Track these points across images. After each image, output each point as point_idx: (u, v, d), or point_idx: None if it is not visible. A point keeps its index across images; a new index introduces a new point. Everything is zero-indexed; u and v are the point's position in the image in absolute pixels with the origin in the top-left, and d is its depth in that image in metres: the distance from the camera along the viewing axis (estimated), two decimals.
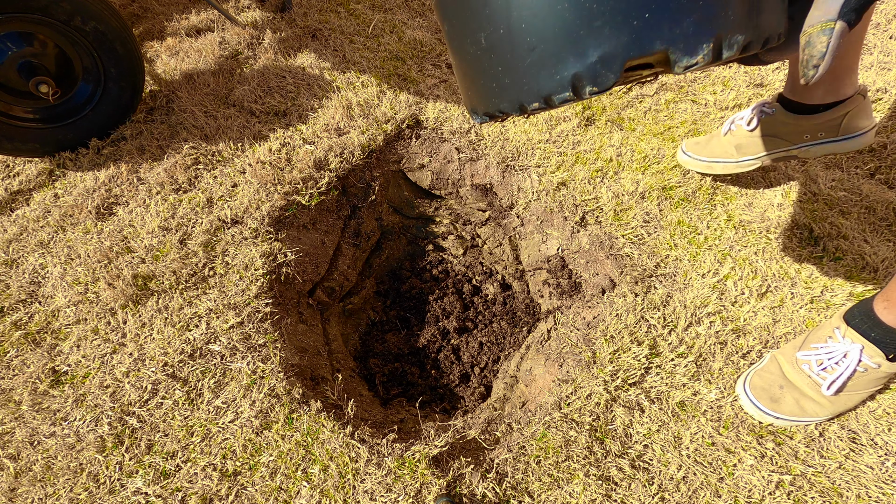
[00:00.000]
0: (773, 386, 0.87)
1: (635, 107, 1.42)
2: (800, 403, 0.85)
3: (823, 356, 0.84)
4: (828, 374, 0.84)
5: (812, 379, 0.85)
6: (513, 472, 0.87)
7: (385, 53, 1.66)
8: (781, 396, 0.86)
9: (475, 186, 1.41)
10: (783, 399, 0.86)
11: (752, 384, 0.89)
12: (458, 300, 1.52)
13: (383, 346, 1.45)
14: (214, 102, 1.52)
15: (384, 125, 1.42)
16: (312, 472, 0.87)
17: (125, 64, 1.36)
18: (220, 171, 1.34)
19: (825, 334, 0.86)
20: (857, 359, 0.81)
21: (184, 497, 0.85)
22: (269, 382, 0.96)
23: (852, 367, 0.82)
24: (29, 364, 1.02)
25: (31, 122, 1.34)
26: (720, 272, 1.06)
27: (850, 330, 0.83)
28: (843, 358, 0.83)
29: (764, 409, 0.87)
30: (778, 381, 0.87)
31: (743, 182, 1.21)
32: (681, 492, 0.82)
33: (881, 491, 0.79)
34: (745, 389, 0.89)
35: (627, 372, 0.95)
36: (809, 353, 0.86)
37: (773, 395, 0.87)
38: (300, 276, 1.22)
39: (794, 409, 0.85)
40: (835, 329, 0.85)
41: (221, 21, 1.80)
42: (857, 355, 0.81)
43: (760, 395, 0.87)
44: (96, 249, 1.17)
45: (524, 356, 1.20)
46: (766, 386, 0.88)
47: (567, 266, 1.25)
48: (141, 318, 1.06)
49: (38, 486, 0.87)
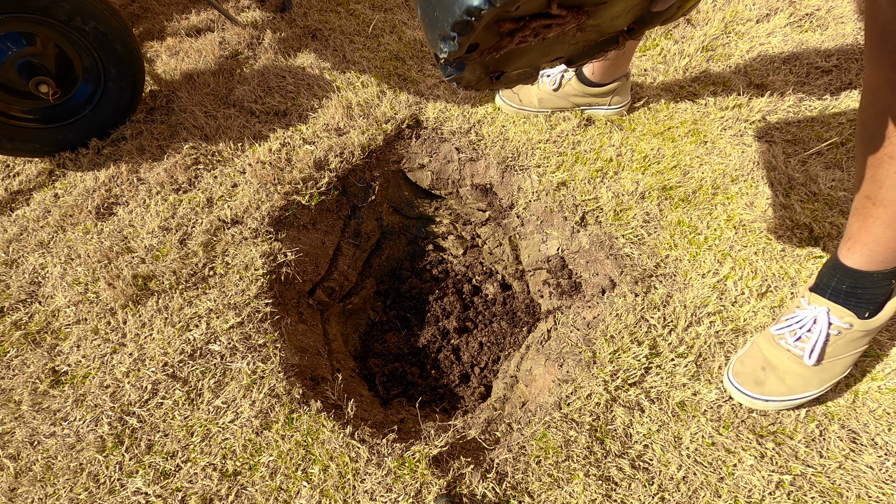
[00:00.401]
0: (756, 369, 0.87)
1: (635, 107, 1.42)
2: (784, 381, 0.85)
3: (795, 326, 0.85)
4: (804, 343, 0.84)
5: (791, 352, 0.85)
6: (513, 472, 0.87)
7: (385, 53, 1.66)
8: (765, 378, 0.86)
9: (475, 186, 1.41)
10: (767, 380, 0.86)
11: (735, 371, 0.89)
12: (458, 300, 1.52)
13: (383, 346, 1.45)
14: (214, 102, 1.52)
15: (384, 125, 1.42)
16: (312, 472, 0.87)
17: (125, 64, 1.36)
18: (220, 171, 1.34)
19: (794, 305, 0.87)
20: (826, 321, 0.82)
21: (184, 497, 0.85)
22: (269, 382, 0.96)
23: (825, 331, 0.82)
24: (29, 364, 1.02)
25: (31, 122, 1.34)
26: (720, 272, 1.06)
27: (813, 295, 0.84)
28: (813, 324, 0.83)
29: (749, 394, 0.86)
30: (760, 364, 0.87)
31: (743, 182, 1.21)
32: (681, 492, 0.82)
33: (881, 491, 0.79)
34: (729, 379, 0.90)
35: (627, 372, 0.95)
36: (783, 327, 0.87)
37: (756, 379, 0.86)
38: (300, 276, 1.22)
39: (779, 388, 0.85)
40: (801, 298, 0.86)
41: (221, 21, 1.80)
42: (825, 318, 0.82)
43: (745, 380, 0.87)
44: (96, 249, 1.17)
45: (524, 356, 1.20)
46: (748, 371, 0.88)
47: (567, 266, 1.25)
48: (141, 318, 1.06)
49: (38, 486, 0.87)
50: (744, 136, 1.30)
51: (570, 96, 1.35)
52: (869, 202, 0.74)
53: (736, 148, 1.27)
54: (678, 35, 1.59)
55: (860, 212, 0.77)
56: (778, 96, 1.36)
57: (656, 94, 1.44)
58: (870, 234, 0.77)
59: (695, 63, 1.49)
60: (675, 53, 1.52)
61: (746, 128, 1.31)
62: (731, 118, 1.34)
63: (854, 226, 0.79)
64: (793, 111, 1.33)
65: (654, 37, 1.60)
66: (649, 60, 1.53)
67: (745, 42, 1.53)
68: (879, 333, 0.94)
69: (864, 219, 0.76)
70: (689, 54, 1.51)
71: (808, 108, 1.34)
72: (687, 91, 1.43)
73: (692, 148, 1.29)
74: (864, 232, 0.77)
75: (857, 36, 1.50)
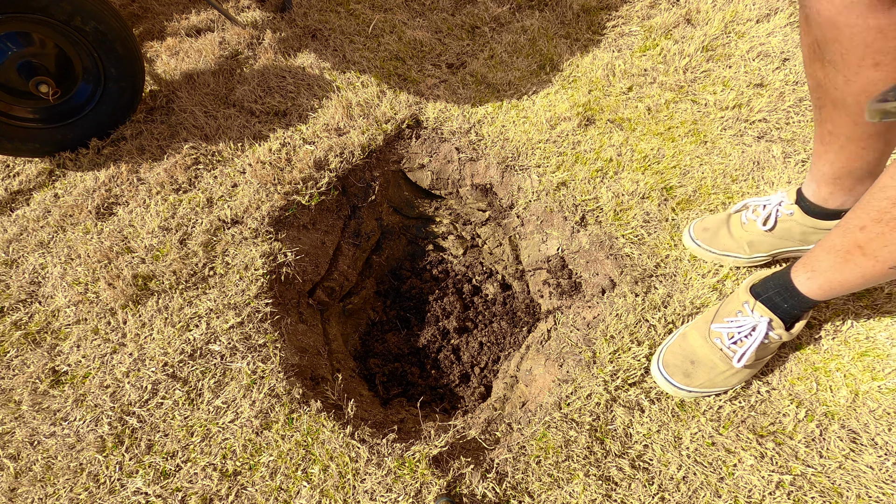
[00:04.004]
0: (686, 362, 0.91)
1: (635, 107, 1.42)
2: (711, 377, 0.89)
3: (734, 329, 0.88)
4: (738, 347, 0.87)
5: (724, 352, 0.88)
6: (513, 472, 0.87)
7: (385, 53, 1.66)
8: (694, 371, 0.90)
9: (475, 186, 1.41)
10: (695, 374, 0.89)
11: (665, 362, 0.92)
12: (458, 300, 1.52)
13: (383, 346, 1.45)
14: (214, 102, 1.52)
15: (384, 125, 1.42)
16: (312, 472, 0.87)
17: (125, 64, 1.36)
18: (220, 171, 1.34)
19: (734, 308, 0.89)
20: (764, 332, 0.85)
21: (184, 497, 0.85)
22: (269, 382, 0.96)
23: (759, 339, 0.85)
24: (29, 364, 1.02)
25: (31, 122, 1.34)
26: (720, 272, 1.06)
27: (758, 304, 0.86)
28: (751, 332, 0.86)
29: (678, 385, 0.90)
30: (689, 357, 0.91)
31: (743, 182, 1.21)
32: (681, 492, 0.82)
33: (881, 491, 0.79)
34: (658, 367, 0.93)
35: (627, 372, 0.95)
36: (722, 327, 0.89)
37: (685, 371, 0.90)
38: (300, 276, 1.22)
39: (705, 383, 0.89)
40: (744, 303, 0.88)
41: (221, 21, 1.80)
42: (764, 328, 0.85)
43: (674, 371, 0.91)
44: (96, 249, 1.17)
45: (524, 356, 1.20)
46: (678, 363, 0.91)
47: (567, 266, 1.25)
48: (141, 318, 1.06)
49: (38, 486, 0.87)
50: (744, 136, 1.30)
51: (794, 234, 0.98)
52: (859, 252, 0.71)
53: (736, 148, 1.27)
54: (678, 35, 1.59)
55: (843, 255, 0.74)
56: (778, 96, 1.36)
57: (656, 94, 1.44)
58: (841, 276, 0.75)
59: (695, 63, 1.49)
60: (675, 53, 1.52)
61: (746, 128, 1.31)
62: (731, 118, 1.34)
63: (826, 262, 0.76)
64: (793, 111, 1.33)
65: (654, 37, 1.60)
66: (649, 60, 1.53)
67: (745, 42, 1.53)
68: (879, 333, 0.95)
69: (844, 262, 0.74)
70: (689, 54, 1.51)
71: (808, 108, 1.34)
72: (687, 91, 1.43)
73: (692, 148, 1.29)
74: (836, 273, 0.75)
75: None
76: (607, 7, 1.75)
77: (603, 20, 1.71)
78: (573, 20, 1.73)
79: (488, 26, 1.76)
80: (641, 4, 1.72)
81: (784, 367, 0.94)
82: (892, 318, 0.96)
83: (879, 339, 0.94)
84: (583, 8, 1.75)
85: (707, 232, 1.07)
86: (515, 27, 1.73)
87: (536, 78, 1.55)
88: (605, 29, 1.68)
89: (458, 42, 1.72)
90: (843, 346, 0.95)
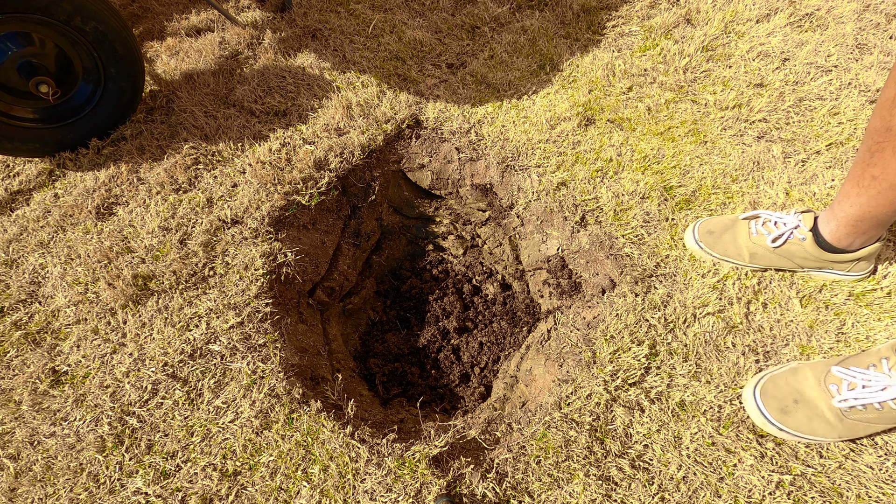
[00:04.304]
0: (787, 398, 0.84)
1: (635, 107, 1.42)
2: (811, 422, 0.82)
3: (859, 381, 0.80)
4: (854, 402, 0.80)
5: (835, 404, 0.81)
6: (513, 472, 0.87)
7: (385, 53, 1.66)
8: (794, 410, 0.83)
9: (475, 186, 1.41)
10: (795, 413, 0.83)
11: (764, 390, 0.86)
12: (458, 300, 1.52)
13: (383, 346, 1.45)
14: (214, 102, 1.52)
15: (384, 125, 1.42)
16: (312, 472, 0.87)
17: (125, 64, 1.36)
18: (220, 171, 1.34)
19: (869, 360, 0.82)
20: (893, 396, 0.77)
21: (184, 497, 0.85)
22: (269, 382, 0.96)
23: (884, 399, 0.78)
24: (29, 364, 1.02)
25: (31, 122, 1.34)
26: (720, 272, 1.06)
27: None
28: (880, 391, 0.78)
29: (771, 419, 0.84)
30: (793, 395, 0.84)
31: (743, 182, 1.21)
32: (681, 492, 0.82)
33: (881, 491, 0.79)
34: (754, 394, 0.86)
35: (627, 372, 0.95)
36: (845, 373, 0.82)
37: (784, 407, 0.83)
38: (300, 276, 1.22)
39: (802, 426, 0.82)
40: (882, 359, 0.80)
41: (221, 21, 1.80)
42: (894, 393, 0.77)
43: (771, 403, 0.84)
44: (96, 249, 1.17)
45: (524, 356, 1.20)
46: (779, 395, 0.84)
47: (567, 266, 1.25)
48: (141, 318, 1.06)
49: (38, 486, 0.87)
50: (744, 136, 1.30)
51: (797, 257, 1.01)
52: None
53: (736, 148, 1.27)
54: (678, 35, 1.59)
55: None
56: (778, 96, 1.36)
57: (656, 94, 1.44)
58: None
59: (695, 63, 1.49)
60: (675, 53, 1.52)
61: (746, 128, 1.31)
62: (731, 118, 1.34)
63: None
64: (793, 111, 1.33)
65: (654, 37, 1.60)
66: (649, 60, 1.53)
67: (745, 42, 1.53)
68: (879, 333, 0.95)
69: None
70: (689, 54, 1.51)
71: (808, 108, 1.34)
72: (687, 91, 1.43)
73: (692, 148, 1.29)
74: None
75: (857, 36, 1.50)
76: (607, 7, 1.75)
77: (603, 20, 1.71)
78: (573, 20, 1.73)
79: (488, 26, 1.76)
80: (641, 4, 1.72)
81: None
82: (892, 318, 0.96)
83: (879, 340, 0.94)
84: (583, 8, 1.75)
85: (711, 235, 1.08)
86: (515, 27, 1.73)
87: (536, 78, 1.55)
88: (605, 29, 1.68)
89: (458, 42, 1.72)
90: (844, 346, 0.95)
